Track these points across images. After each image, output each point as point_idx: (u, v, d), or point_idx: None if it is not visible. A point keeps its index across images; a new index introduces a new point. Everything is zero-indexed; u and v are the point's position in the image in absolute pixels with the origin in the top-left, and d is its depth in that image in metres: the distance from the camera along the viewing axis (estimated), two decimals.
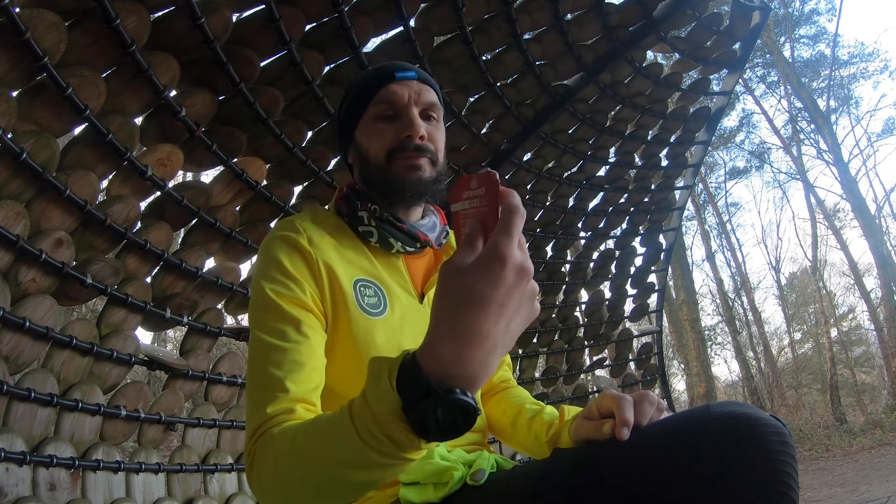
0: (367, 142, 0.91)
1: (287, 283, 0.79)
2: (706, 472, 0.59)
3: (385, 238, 0.89)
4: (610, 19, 3.02)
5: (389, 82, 0.90)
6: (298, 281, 0.80)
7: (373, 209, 0.89)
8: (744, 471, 0.58)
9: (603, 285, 4.43)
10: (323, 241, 0.85)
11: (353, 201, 0.91)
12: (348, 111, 0.95)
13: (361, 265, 0.87)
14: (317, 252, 0.82)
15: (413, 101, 0.89)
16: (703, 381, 10.39)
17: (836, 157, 14.59)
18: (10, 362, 1.62)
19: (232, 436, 2.31)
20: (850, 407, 12.97)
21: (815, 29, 16.15)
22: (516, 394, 1.02)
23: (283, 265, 0.80)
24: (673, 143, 4.03)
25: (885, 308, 13.18)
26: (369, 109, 0.91)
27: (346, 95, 0.97)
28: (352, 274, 0.85)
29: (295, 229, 0.84)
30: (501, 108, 3.01)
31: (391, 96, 0.89)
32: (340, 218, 0.92)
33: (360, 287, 0.84)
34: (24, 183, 1.61)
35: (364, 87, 0.92)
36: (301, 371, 0.74)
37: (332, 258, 0.83)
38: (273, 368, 0.73)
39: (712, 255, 17.43)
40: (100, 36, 1.66)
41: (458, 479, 0.76)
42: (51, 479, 1.64)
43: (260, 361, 0.75)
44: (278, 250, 0.82)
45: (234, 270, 2.35)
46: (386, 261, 0.91)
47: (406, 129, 0.88)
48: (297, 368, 0.74)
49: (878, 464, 6.49)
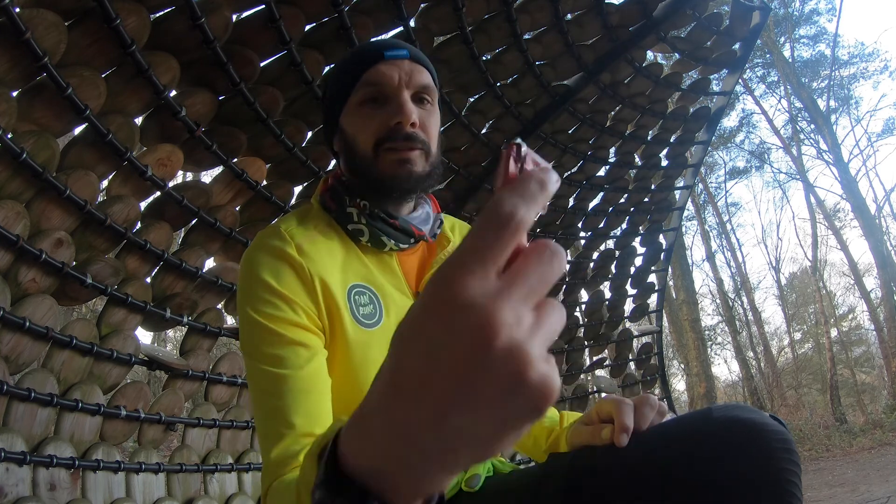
0: (352, 129, 0.82)
1: (277, 304, 0.72)
2: (708, 477, 0.58)
3: (377, 237, 0.81)
4: (610, 19, 3.02)
5: (378, 62, 0.80)
6: (290, 300, 0.73)
7: (362, 205, 0.82)
8: (747, 475, 0.57)
9: (603, 285, 4.42)
10: (313, 247, 0.77)
11: (340, 195, 0.84)
12: (332, 93, 0.85)
13: (354, 269, 0.81)
14: (308, 262, 0.75)
15: (404, 83, 0.79)
16: (703, 382, 10.38)
17: (836, 157, 14.59)
18: (10, 362, 1.62)
19: (232, 436, 2.31)
20: (850, 407, 12.96)
21: (815, 29, 16.17)
22: None
23: (270, 285, 0.73)
24: (673, 143, 4.03)
25: (885, 308, 13.18)
26: (355, 92, 0.81)
27: (330, 75, 0.87)
28: (345, 281, 0.78)
29: (281, 237, 0.77)
30: (501, 108, 3.01)
31: (380, 77, 0.79)
32: (328, 214, 0.85)
33: (354, 295, 0.78)
34: (24, 183, 1.61)
35: (350, 67, 0.82)
36: (307, 400, 0.69)
37: (324, 267, 0.77)
38: (276, 401, 0.68)
39: (712, 255, 17.45)
40: (100, 36, 1.66)
41: (453, 486, 0.74)
42: (51, 479, 1.64)
43: (261, 394, 0.70)
44: (263, 268, 0.74)
45: (234, 270, 2.35)
46: (378, 260, 0.84)
47: (396, 114, 0.78)
48: (302, 398, 0.68)
49: (878, 464, 6.48)
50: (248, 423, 2.36)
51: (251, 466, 2.31)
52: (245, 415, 2.38)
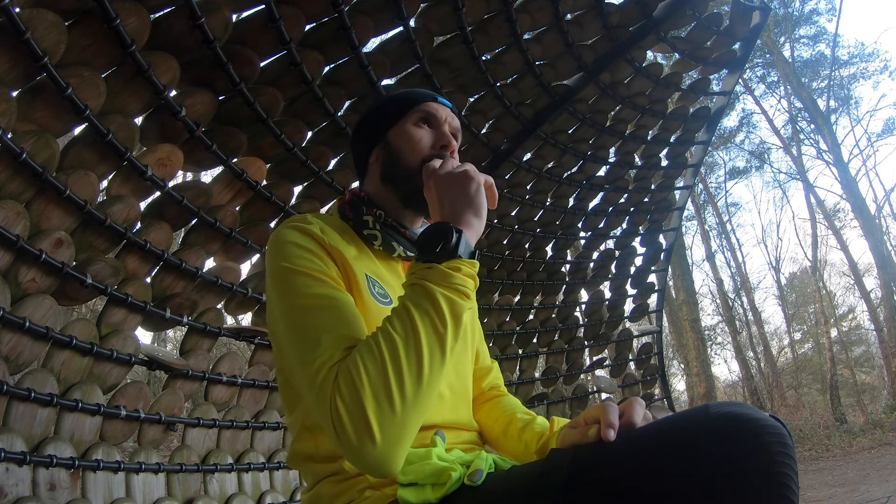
0: (401, 142, 0.95)
1: (311, 259, 0.81)
2: (705, 473, 0.59)
3: (388, 242, 0.93)
4: (610, 19, 3.02)
5: (431, 101, 0.97)
6: (321, 256, 0.82)
7: (378, 214, 0.93)
8: (743, 471, 0.58)
9: (603, 285, 4.43)
10: (332, 234, 0.88)
11: (358, 206, 0.95)
12: (384, 114, 0.98)
13: (366, 264, 0.90)
14: (329, 239, 0.85)
15: (448, 122, 0.97)
16: (703, 381, 10.39)
17: (836, 157, 14.59)
18: (10, 362, 1.62)
19: (232, 436, 2.31)
20: (850, 407, 12.96)
21: (815, 29, 16.15)
22: (507, 402, 1.04)
23: (301, 245, 0.83)
24: (673, 143, 4.03)
25: (885, 308, 13.18)
26: (409, 115, 0.96)
27: (378, 104, 1.01)
28: (360, 268, 0.88)
29: (306, 221, 0.87)
30: (501, 108, 3.01)
31: (432, 110, 0.96)
32: (345, 222, 0.95)
33: (369, 279, 0.88)
34: (24, 183, 1.61)
35: (406, 98, 0.98)
36: (357, 321, 0.76)
37: (341, 249, 0.86)
38: (323, 323, 0.74)
39: (712, 255, 17.43)
40: (100, 36, 1.66)
41: (456, 480, 0.75)
42: (51, 479, 1.64)
43: (306, 321, 0.75)
44: (293, 236, 0.84)
45: (234, 270, 2.35)
46: (386, 264, 0.94)
47: (442, 139, 0.95)
48: (353, 320, 0.76)
49: (878, 464, 6.49)
50: (248, 423, 2.37)
51: (251, 466, 2.31)
52: (245, 415, 2.38)
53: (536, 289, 4.01)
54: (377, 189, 0.96)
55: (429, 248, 0.75)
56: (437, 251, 0.74)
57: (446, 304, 0.72)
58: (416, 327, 0.70)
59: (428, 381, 0.69)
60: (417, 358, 0.68)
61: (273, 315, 0.82)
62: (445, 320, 0.71)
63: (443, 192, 0.81)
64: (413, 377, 0.68)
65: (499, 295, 3.82)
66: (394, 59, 2.47)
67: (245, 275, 2.43)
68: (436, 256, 0.74)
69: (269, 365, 2.53)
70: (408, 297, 0.73)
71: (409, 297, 0.73)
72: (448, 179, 0.81)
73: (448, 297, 0.72)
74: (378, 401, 0.66)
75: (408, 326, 0.70)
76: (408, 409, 0.67)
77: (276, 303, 0.81)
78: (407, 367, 0.68)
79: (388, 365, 0.67)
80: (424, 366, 0.69)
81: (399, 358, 0.68)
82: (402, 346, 0.69)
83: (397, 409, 0.66)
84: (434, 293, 0.71)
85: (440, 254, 0.74)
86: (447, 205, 0.80)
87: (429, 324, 0.70)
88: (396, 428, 0.67)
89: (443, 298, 0.71)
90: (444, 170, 0.83)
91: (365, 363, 0.68)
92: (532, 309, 4.06)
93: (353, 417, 0.66)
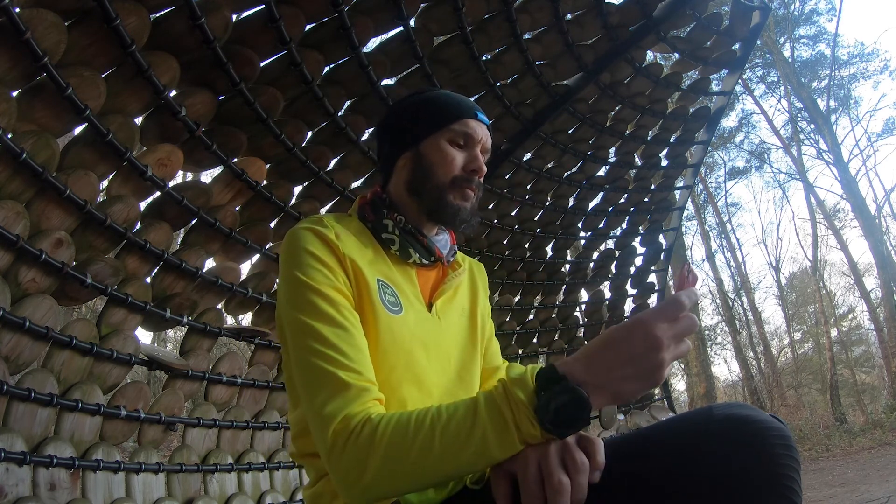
0: (434, 157, 0.94)
1: (323, 271, 0.82)
2: (708, 474, 0.59)
3: (405, 248, 0.93)
4: (610, 19, 3.02)
5: (471, 117, 0.96)
6: (332, 269, 0.83)
7: (398, 219, 0.94)
8: (747, 473, 0.58)
9: (603, 285, 4.43)
10: (347, 239, 0.88)
11: (379, 209, 0.95)
12: (422, 121, 0.97)
13: (380, 269, 0.90)
14: (343, 246, 0.85)
15: (482, 142, 0.97)
16: (703, 381, 10.39)
17: (836, 157, 14.58)
18: (10, 362, 1.62)
19: (232, 436, 2.31)
20: (850, 407, 12.95)
21: (815, 29, 16.14)
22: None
23: (315, 254, 0.83)
24: (673, 143, 4.03)
25: (885, 308, 13.17)
26: (446, 130, 0.95)
27: (416, 105, 0.99)
28: (373, 273, 0.88)
29: (321, 223, 0.87)
30: (501, 108, 3.01)
31: (470, 129, 0.95)
32: (363, 223, 0.95)
33: (381, 285, 0.87)
34: (24, 183, 1.61)
35: (446, 108, 0.97)
36: (364, 354, 0.77)
37: (355, 255, 0.86)
38: (337, 352, 0.75)
39: (712, 255, 17.40)
40: (100, 36, 1.66)
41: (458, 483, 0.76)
42: (51, 479, 1.64)
43: (318, 345, 0.76)
44: (307, 241, 0.84)
45: (234, 270, 2.35)
46: (401, 269, 0.94)
47: (473, 163, 0.95)
48: (361, 352, 0.77)
49: (878, 464, 6.48)
50: (248, 423, 2.36)
51: (251, 466, 2.31)
52: (245, 415, 2.38)
53: (536, 289, 4.01)
54: (400, 195, 0.96)
55: (565, 422, 0.63)
56: (569, 428, 0.64)
57: (500, 447, 0.65)
58: (462, 442, 0.66)
59: (434, 480, 0.69)
60: (442, 462, 0.66)
61: (281, 319, 0.83)
62: (490, 453, 0.66)
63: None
64: (426, 471, 0.67)
65: (499, 295, 3.82)
66: (394, 59, 2.47)
67: (245, 275, 2.43)
68: (565, 433, 0.64)
69: (269, 365, 2.53)
70: (487, 416, 0.66)
71: (488, 419, 0.66)
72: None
73: (512, 443, 0.65)
74: (385, 462, 0.67)
75: (459, 437, 0.66)
76: (407, 484, 0.68)
77: (285, 307, 0.82)
78: (426, 462, 0.66)
79: (412, 451, 0.66)
80: (442, 468, 0.67)
81: (429, 453, 0.66)
82: (438, 448, 0.66)
83: (398, 480, 0.67)
84: (513, 441, 0.65)
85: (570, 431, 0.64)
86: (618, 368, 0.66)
87: (475, 445, 0.65)
88: (387, 488, 0.68)
89: (508, 446, 0.65)
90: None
91: (392, 435, 0.67)
92: (532, 309, 4.06)
93: (353, 462, 0.68)
